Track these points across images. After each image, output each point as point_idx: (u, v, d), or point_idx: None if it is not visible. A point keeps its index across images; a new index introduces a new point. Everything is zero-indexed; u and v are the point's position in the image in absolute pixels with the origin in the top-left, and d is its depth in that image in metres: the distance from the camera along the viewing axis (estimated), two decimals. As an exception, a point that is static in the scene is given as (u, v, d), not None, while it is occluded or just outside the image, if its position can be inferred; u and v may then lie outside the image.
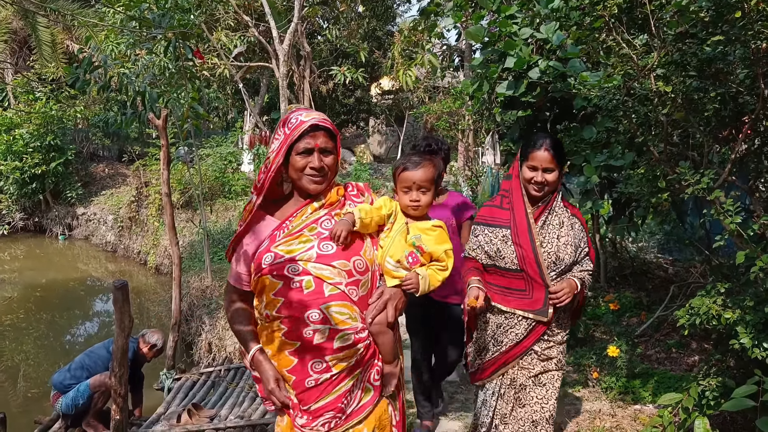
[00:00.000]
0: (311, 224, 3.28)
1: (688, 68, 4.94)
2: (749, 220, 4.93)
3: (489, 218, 4.65)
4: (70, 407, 7.52)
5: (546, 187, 4.36)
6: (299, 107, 4.46)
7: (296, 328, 3.17)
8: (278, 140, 3.24)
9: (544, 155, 4.30)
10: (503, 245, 4.48)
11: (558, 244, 4.42)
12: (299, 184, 3.30)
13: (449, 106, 21.17)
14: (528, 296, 4.47)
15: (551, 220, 4.45)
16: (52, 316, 16.05)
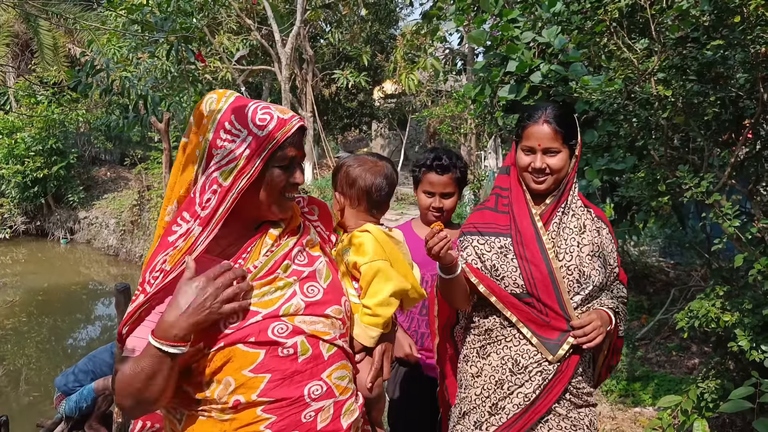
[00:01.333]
0: (282, 261, 2.40)
1: (688, 72, 4.96)
2: (748, 224, 4.94)
3: (480, 224, 3.42)
4: (74, 410, 7.54)
5: (549, 176, 3.22)
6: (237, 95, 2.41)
7: (291, 414, 2.27)
8: (234, 139, 2.27)
9: (542, 130, 3.19)
10: (501, 260, 3.27)
11: (581, 255, 3.23)
12: (266, 207, 2.38)
13: (451, 110, 21.19)
14: (546, 319, 3.22)
15: (568, 222, 3.28)
16: (54, 320, 16.08)
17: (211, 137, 2.27)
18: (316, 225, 2.70)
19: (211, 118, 2.28)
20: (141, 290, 2.24)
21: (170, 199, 2.41)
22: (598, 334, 3.13)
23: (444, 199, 4.09)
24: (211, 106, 2.27)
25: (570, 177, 3.32)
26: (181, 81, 9.67)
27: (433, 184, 4.06)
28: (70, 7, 24.09)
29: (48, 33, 26.25)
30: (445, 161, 4.04)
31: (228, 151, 2.24)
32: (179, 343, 2.10)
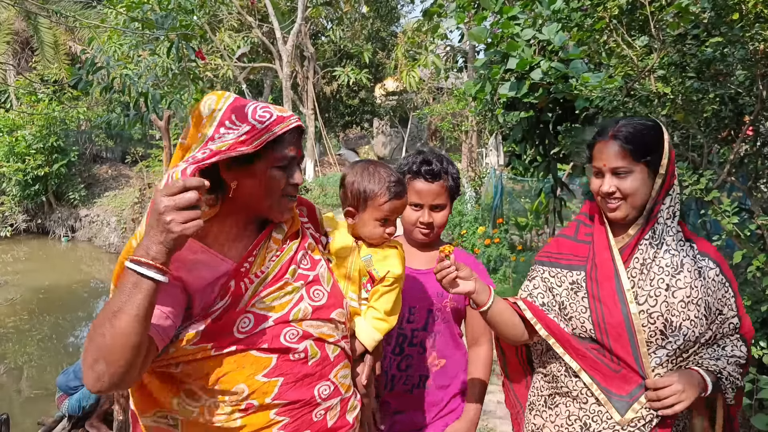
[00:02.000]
0: (289, 265, 2.41)
1: (687, 69, 4.97)
2: (747, 221, 4.95)
3: (555, 255, 3.00)
4: (76, 408, 7.56)
5: (622, 201, 2.71)
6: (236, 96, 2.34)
7: (303, 415, 2.34)
8: (235, 132, 2.20)
9: (608, 148, 2.71)
10: (571, 297, 2.84)
11: (669, 301, 2.66)
12: (267, 207, 2.36)
13: (452, 108, 21.22)
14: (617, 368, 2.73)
15: (656, 259, 2.71)
16: (56, 318, 16.08)
17: (209, 136, 2.21)
18: (308, 226, 2.69)
19: (210, 117, 2.24)
20: None
21: None
22: (678, 401, 2.57)
23: (434, 212, 3.30)
24: (210, 106, 2.24)
25: (658, 202, 2.72)
26: (182, 78, 9.65)
27: (421, 194, 3.26)
28: (70, 5, 24.12)
29: (48, 30, 26.27)
30: (435, 166, 3.27)
31: (224, 139, 2.19)
32: (154, 265, 1.92)
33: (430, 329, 3.34)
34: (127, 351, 1.91)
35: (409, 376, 3.34)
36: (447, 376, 3.38)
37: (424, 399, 3.36)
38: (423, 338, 3.33)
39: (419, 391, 3.35)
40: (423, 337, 3.33)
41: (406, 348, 3.33)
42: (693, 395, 2.59)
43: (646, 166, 2.66)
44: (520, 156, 7.45)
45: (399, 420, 3.35)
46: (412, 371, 3.34)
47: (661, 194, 2.70)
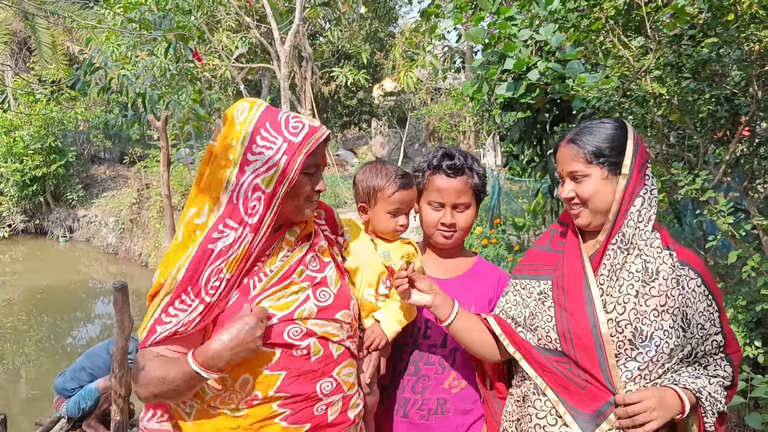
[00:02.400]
0: (297, 266, 2.51)
1: (683, 70, 4.98)
2: (743, 221, 4.97)
3: (527, 266, 2.87)
4: (75, 411, 7.57)
5: (583, 207, 2.61)
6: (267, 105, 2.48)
7: (304, 408, 2.43)
8: (270, 146, 2.35)
9: (563, 152, 2.65)
10: (539, 307, 2.69)
11: (639, 308, 2.48)
12: (291, 211, 2.50)
13: (450, 108, 21.24)
14: (581, 383, 2.53)
15: (626, 264, 2.55)
16: (54, 319, 16.09)
17: (247, 144, 2.35)
18: (324, 229, 2.80)
19: (243, 125, 2.37)
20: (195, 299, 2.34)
21: (195, 200, 2.47)
22: (649, 419, 2.35)
23: (457, 212, 3.04)
24: (243, 114, 2.37)
25: (624, 204, 2.55)
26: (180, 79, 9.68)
27: (442, 191, 3.01)
28: (68, 5, 24.10)
29: (46, 31, 26.27)
30: (458, 160, 3.02)
31: (266, 158, 2.34)
32: (215, 372, 2.28)
33: (450, 346, 3.05)
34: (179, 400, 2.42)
35: (426, 399, 3.02)
36: (468, 400, 3.05)
37: (443, 427, 3.01)
38: (441, 356, 3.05)
39: (437, 418, 3.00)
40: (441, 354, 3.05)
41: (422, 367, 3.05)
42: (666, 414, 2.38)
43: (605, 168, 2.55)
44: (518, 156, 7.47)
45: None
46: (428, 394, 3.02)
47: (625, 196, 2.54)
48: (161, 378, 2.28)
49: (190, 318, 2.32)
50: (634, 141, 2.57)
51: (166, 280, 2.36)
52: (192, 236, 2.42)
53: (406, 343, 3.05)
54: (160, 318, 2.33)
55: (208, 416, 2.44)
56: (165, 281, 2.36)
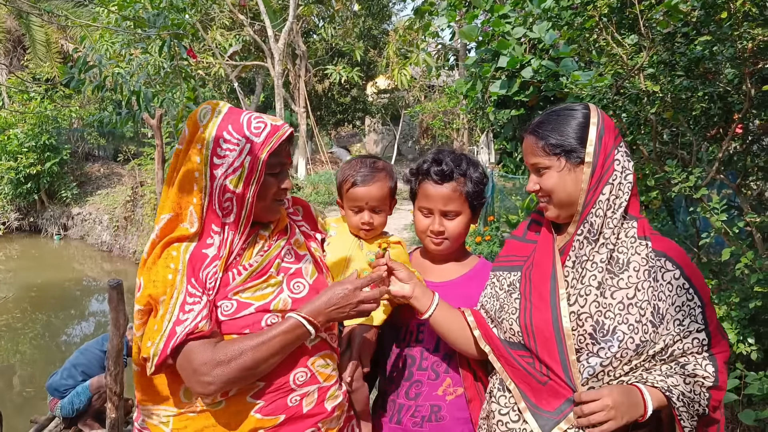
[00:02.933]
0: (275, 260, 2.55)
1: (676, 68, 5.00)
2: (736, 218, 4.99)
3: (504, 258, 2.80)
4: (70, 411, 7.55)
5: (548, 200, 2.52)
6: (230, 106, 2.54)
7: (278, 399, 2.44)
8: (234, 148, 2.38)
9: (526, 145, 2.54)
10: (506, 299, 2.62)
11: (601, 300, 2.38)
12: (259, 210, 2.51)
13: (444, 105, 21.25)
14: (542, 379, 2.45)
15: (590, 254, 2.42)
16: (48, 316, 16.09)
17: (212, 147, 2.39)
18: (301, 225, 2.84)
19: (207, 129, 2.40)
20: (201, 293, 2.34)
21: (164, 207, 2.49)
22: (606, 418, 2.23)
23: (447, 220, 2.92)
24: (206, 117, 2.41)
25: (590, 193, 2.42)
26: (174, 77, 9.67)
27: (430, 198, 2.91)
28: (62, 3, 24.08)
29: (40, 29, 26.23)
30: (446, 166, 2.88)
31: (231, 159, 2.38)
32: (316, 327, 2.38)
33: (443, 350, 2.93)
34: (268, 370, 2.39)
35: (419, 405, 2.91)
36: (465, 408, 2.91)
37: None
38: (434, 361, 2.93)
39: (431, 425, 2.88)
40: (434, 359, 2.94)
41: (415, 372, 2.95)
42: (627, 414, 2.24)
43: (565, 158, 2.44)
44: (511, 154, 7.49)
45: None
46: (422, 400, 2.91)
47: (591, 184, 2.40)
48: (258, 344, 2.31)
49: (205, 311, 2.32)
50: (598, 126, 2.43)
51: (166, 287, 2.33)
52: (176, 248, 2.42)
53: (399, 347, 3.00)
54: (178, 318, 2.29)
55: (185, 422, 2.43)
56: (158, 291, 2.33)
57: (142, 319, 2.37)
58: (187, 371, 2.30)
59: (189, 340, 2.28)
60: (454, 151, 3.03)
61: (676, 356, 2.37)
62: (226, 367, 2.26)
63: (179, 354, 2.30)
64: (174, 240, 2.43)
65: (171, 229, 2.45)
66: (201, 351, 2.28)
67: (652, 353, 2.33)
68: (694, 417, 2.32)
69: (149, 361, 2.30)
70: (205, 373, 2.26)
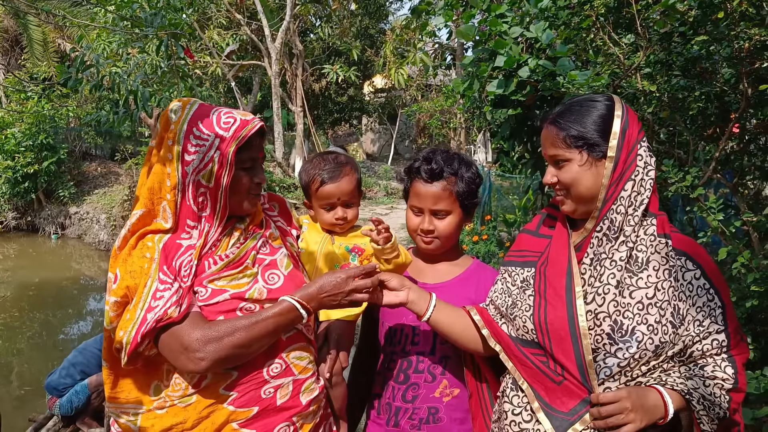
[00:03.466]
0: (251, 251, 2.59)
1: (673, 67, 5.02)
2: (732, 217, 5.00)
3: (515, 253, 2.73)
4: (69, 409, 7.55)
5: (565, 194, 2.47)
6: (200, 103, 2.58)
7: (251, 390, 2.45)
8: (203, 144, 2.42)
9: (545, 136, 2.46)
10: (520, 296, 2.56)
11: (620, 300, 2.31)
12: (234, 204, 2.55)
13: (441, 105, 21.28)
14: (557, 379, 2.40)
15: (609, 252, 2.36)
16: (46, 315, 16.07)
17: (182, 143, 2.43)
18: (276, 220, 2.90)
19: (177, 126, 2.45)
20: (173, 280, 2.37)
21: (137, 203, 2.54)
22: (624, 421, 2.18)
23: (437, 219, 2.93)
24: (176, 114, 2.47)
25: (611, 189, 2.35)
26: (171, 76, 9.70)
27: (420, 197, 2.92)
28: (59, 3, 24.06)
29: (37, 28, 26.22)
30: (435, 165, 2.88)
31: (202, 155, 2.42)
32: (309, 312, 2.44)
33: (439, 353, 2.93)
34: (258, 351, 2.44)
35: (417, 408, 2.91)
36: (461, 409, 2.91)
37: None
38: (430, 363, 2.93)
39: (429, 427, 2.89)
40: (430, 362, 2.93)
41: (411, 375, 2.94)
42: (647, 417, 2.20)
43: (587, 152, 2.37)
44: (508, 153, 7.49)
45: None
46: (419, 402, 2.90)
47: (612, 180, 2.34)
48: (251, 324, 2.36)
49: (176, 298, 2.34)
50: (622, 120, 2.35)
51: (140, 276, 2.37)
52: (150, 239, 2.47)
53: (395, 351, 2.98)
54: (149, 305, 2.32)
55: (152, 420, 2.43)
56: (136, 281, 2.36)
57: (118, 311, 2.37)
58: (175, 349, 2.32)
59: (158, 326, 2.29)
60: (447, 151, 3.03)
61: (695, 357, 2.33)
62: (219, 343, 2.30)
63: (163, 335, 2.33)
64: (149, 232, 2.47)
65: (144, 225, 2.49)
66: (191, 328, 2.31)
67: (671, 354, 2.29)
68: (714, 420, 2.27)
69: (122, 351, 2.32)
70: (197, 349, 2.29)
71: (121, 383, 2.49)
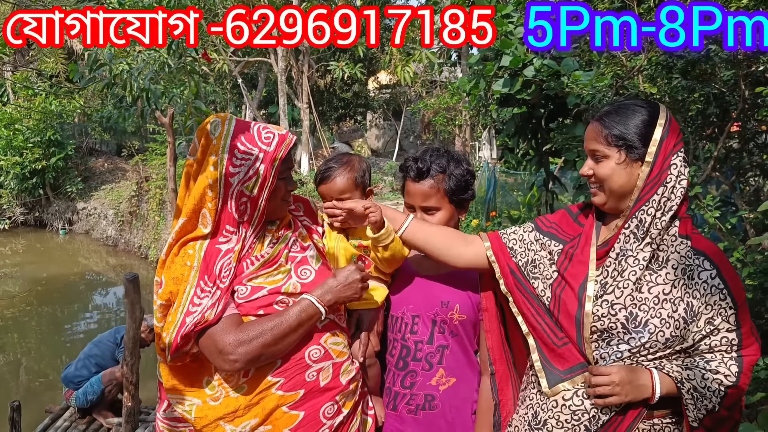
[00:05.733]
0: (284, 250, 2.80)
1: (673, 70, 5.14)
2: (729, 214, 5.13)
3: (557, 227, 2.86)
4: (84, 401, 7.64)
5: (600, 189, 2.61)
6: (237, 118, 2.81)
7: (296, 375, 2.66)
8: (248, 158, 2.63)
9: (590, 131, 2.61)
10: (544, 264, 2.75)
11: (636, 295, 2.48)
12: (270, 210, 2.77)
13: (446, 102, 21.34)
14: (560, 342, 2.64)
15: (635, 250, 2.51)
16: (54, 310, 16.21)
17: (227, 157, 2.63)
18: (303, 219, 3.09)
19: (220, 141, 2.65)
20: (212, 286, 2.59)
21: (180, 212, 2.76)
22: (611, 393, 2.40)
23: (428, 215, 3.06)
24: (217, 129, 2.67)
25: (645, 191, 2.50)
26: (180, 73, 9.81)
27: (411, 195, 3.08)
28: (66, 0, 24.16)
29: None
30: (422, 164, 3.02)
31: (247, 168, 2.64)
32: (325, 307, 2.67)
33: (436, 342, 3.05)
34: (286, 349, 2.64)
35: (414, 394, 3.06)
36: (457, 397, 3.04)
37: (430, 423, 3.05)
38: (428, 352, 3.05)
39: (425, 413, 3.04)
40: (428, 351, 3.05)
41: (410, 363, 3.07)
42: (632, 394, 2.40)
43: (625, 152, 2.50)
44: (513, 150, 7.60)
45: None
46: (416, 389, 3.05)
47: (648, 183, 2.48)
48: (276, 324, 2.57)
49: (212, 302, 2.54)
50: (663, 128, 2.49)
51: (181, 282, 2.61)
52: (192, 247, 2.68)
53: (395, 338, 3.13)
54: (188, 310, 2.54)
55: (207, 413, 2.64)
56: (178, 287, 2.60)
57: (163, 313, 2.61)
58: (212, 352, 2.55)
59: (196, 329, 2.52)
60: (438, 149, 3.15)
61: (702, 351, 2.46)
62: (249, 345, 2.52)
63: (202, 339, 2.56)
64: (190, 239, 2.68)
65: (186, 232, 2.70)
66: (224, 333, 2.53)
67: (680, 348, 2.46)
68: (702, 411, 2.40)
69: (166, 350, 2.57)
70: (230, 352, 2.51)
71: (176, 377, 2.71)
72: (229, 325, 2.56)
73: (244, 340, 2.53)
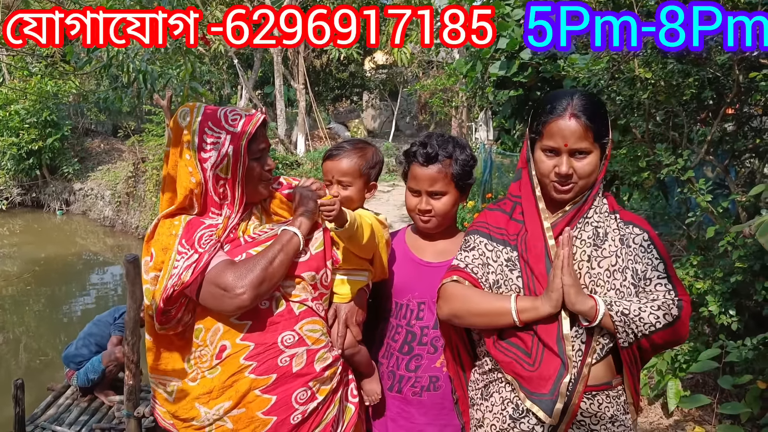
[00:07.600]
0: (270, 231, 2.87)
1: (668, 55, 5.18)
2: (721, 198, 5.20)
3: (493, 227, 2.85)
4: (86, 381, 7.72)
5: (575, 184, 2.61)
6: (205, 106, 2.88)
7: (269, 359, 2.70)
8: (216, 141, 2.69)
9: (569, 126, 2.54)
10: (505, 275, 2.71)
11: (592, 272, 2.60)
12: (249, 191, 2.83)
13: (443, 83, 21.34)
14: (532, 368, 2.61)
15: (579, 232, 2.64)
16: (52, 290, 16.29)
17: (197, 144, 2.71)
18: None
19: (190, 129, 2.73)
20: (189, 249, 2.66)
21: (165, 202, 2.87)
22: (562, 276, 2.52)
23: (433, 200, 3.12)
24: (186, 119, 2.76)
25: (597, 182, 2.64)
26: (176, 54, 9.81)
27: (417, 179, 3.12)
28: (62, -21, 24.05)
29: (38, 4, 26.17)
30: (431, 149, 3.06)
31: (216, 151, 2.70)
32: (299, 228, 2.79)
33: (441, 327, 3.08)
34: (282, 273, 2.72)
35: (419, 377, 3.15)
36: None
37: (434, 403, 3.14)
38: (434, 336, 3.12)
39: (429, 394, 3.14)
40: (433, 335, 3.12)
41: (416, 347, 3.16)
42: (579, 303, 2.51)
43: (599, 146, 2.59)
44: (509, 131, 7.65)
45: (405, 426, 3.20)
46: (421, 372, 3.15)
47: (601, 174, 2.64)
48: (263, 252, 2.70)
49: (188, 263, 2.61)
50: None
51: (168, 251, 2.70)
52: (177, 219, 2.79)
53: (401, 324, 3.20)
54: (170, 275, 2.63)
55: (186, 392, 2.75)
56: (164, 257, 2.70)
57: (154, 283, 2.71)
58: (217, 295, 2.63)
59: (174, 292, 2.60)
60: (442, 135, 3.22)
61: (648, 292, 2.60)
62: (252, 273, 2.61)
63: (201, 292, 2.65)
64: (176, 212, 2.79)
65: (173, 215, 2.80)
66: (222, 273, 2.62)
67: None
68: (630, 336, 2.50)
69: (153, 317, 2.69)
70: (235, 285, 2.59)
71: (163, 356, 2.81)
72: (224, 266, 2.64)
73: (243, 271, 2.61)
